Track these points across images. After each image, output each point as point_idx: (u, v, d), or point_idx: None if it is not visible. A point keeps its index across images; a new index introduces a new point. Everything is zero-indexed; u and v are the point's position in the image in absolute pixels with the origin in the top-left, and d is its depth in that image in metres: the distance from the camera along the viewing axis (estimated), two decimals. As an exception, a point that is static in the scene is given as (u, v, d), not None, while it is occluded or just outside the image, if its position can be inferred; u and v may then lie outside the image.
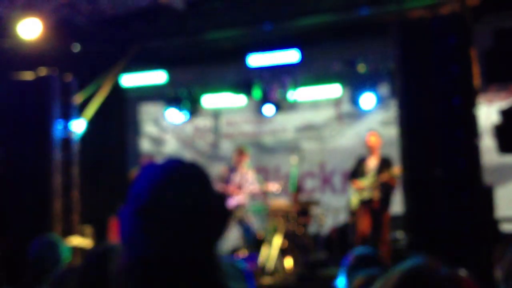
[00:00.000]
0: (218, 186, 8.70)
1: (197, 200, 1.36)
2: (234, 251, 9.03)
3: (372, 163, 8.14)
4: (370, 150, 8.24)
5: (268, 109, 10.23)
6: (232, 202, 8.75)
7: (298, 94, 10.05)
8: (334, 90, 10.03)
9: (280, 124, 10.95)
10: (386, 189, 8.01)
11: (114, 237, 9.03)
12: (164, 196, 1.34)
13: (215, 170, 9.91)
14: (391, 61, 7.63)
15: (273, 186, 8.92)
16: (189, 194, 1.36)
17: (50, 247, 3.53)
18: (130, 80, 10.51)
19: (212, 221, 1.39)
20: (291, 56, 9.48)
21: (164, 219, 1.33)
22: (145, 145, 12.00)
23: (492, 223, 6.24)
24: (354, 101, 9.87)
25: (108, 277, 1.89)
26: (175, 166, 1.42)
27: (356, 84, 9.75)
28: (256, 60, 9.70)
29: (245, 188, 8.85)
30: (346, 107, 10.42)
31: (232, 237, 9.31)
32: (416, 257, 0.99)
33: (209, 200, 1.39)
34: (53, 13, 8.28)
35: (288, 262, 8.17)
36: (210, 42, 9.72)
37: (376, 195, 7.97)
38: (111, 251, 1.95)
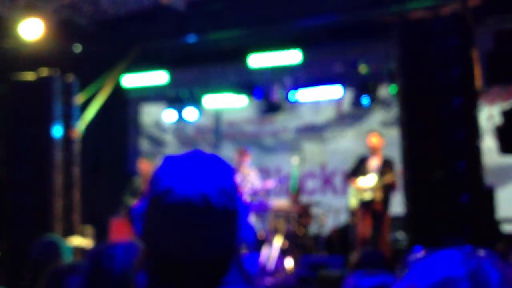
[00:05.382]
0: None
1: (212, 196, 1.24)
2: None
3: (374, 163, 8.12)
4: (371, 150, 8.22)
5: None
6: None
7: (299, 95, 10.06)
8: (335, 91, 10.03)
9: (281, 124, 10.95)
10: (387, 190, 8.01)
11: (114, 237, 9.02)
12: (176, 189, 1.24)
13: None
14: (393, 62, 7.63)
15: (270, 184, 8.95)
16: (203, 188, 1.24)
17: (52, 247, 3.53)
18: (131, 80, 10.51)
19: (227, 218, 1.27)
20: (292, 56, 9.47)
21: (177, 213, 1.23)
22: (145, 146, 12.00)
23: (493, 224, 6.24)
24: (355, 102, 9.85)
25: (108, 278, 1.88)
26: (192, 157, 1.31)
27: (357, 85, 9.74)
28: (257, 60, 9.70)
29: (246, 189, 8.85)
30: (347, 108, 10.42)
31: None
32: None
33: (225, 196, 1.26)
34: (54, 13, 8.29)
35: (289, 263, 8.17)
36: (211, 42, 9.72)
37: (378, 196, 7.96)
38: (111, 251, 1.95)
